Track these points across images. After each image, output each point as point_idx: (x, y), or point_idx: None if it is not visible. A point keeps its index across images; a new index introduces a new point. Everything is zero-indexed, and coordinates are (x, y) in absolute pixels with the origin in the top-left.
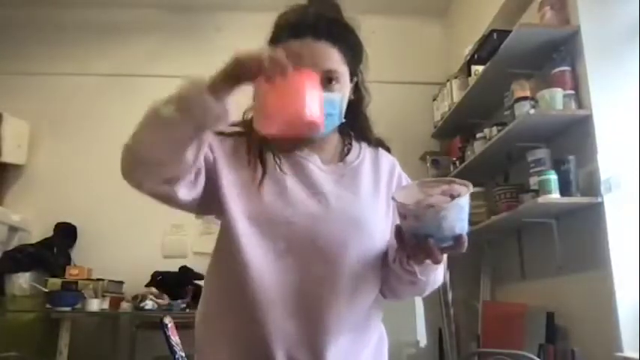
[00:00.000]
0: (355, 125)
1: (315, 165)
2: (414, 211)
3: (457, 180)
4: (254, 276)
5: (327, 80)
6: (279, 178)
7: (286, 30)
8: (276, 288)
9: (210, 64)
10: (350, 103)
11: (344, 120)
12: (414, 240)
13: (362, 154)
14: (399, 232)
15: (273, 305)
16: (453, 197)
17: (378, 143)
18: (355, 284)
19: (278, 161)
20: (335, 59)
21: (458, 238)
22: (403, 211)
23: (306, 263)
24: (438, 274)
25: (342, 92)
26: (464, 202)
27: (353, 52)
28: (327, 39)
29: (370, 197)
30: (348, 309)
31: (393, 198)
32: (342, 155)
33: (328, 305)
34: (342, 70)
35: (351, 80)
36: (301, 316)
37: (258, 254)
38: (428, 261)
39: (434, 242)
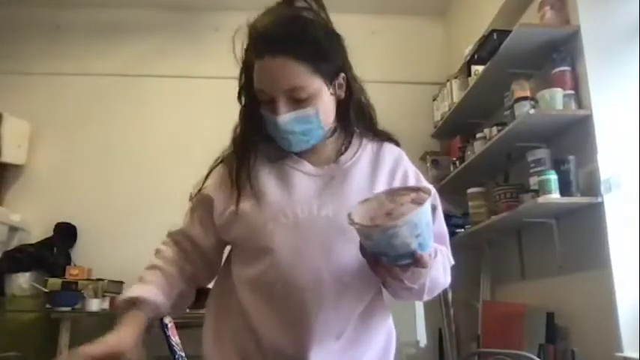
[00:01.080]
0: (349, 122)
1: (302, 171)
2: (361, 230)
3: (423, 187)
4: (246, 288)
5: (295, 99)
6: (258, 191)
7: (250, 48)
8: (263, 299)
9: (209, 64)
10: (341, 102)
11: (332, 124)
12: (371, 257)
13: (360, 151)
14: (362, 248)
15: (263, 316)
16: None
17: (383, 137)
18: (342, 291)
19: (254, 181)
20: (297, 74)
21: (414, 255)
22: (355, 229)
23: (290, 273)
24: (435, 279)
25: (316, 104)
26: (418, 217)
27: (322, 56)
28: (285, 54)
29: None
30: (334, 315)
31: (348, 215)
32: (339, 155)
33: (313, 312)
34: (310, 81)
35: (331, 83)
36: (288, 324)
37: (249, 267)
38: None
39: (387, 261)
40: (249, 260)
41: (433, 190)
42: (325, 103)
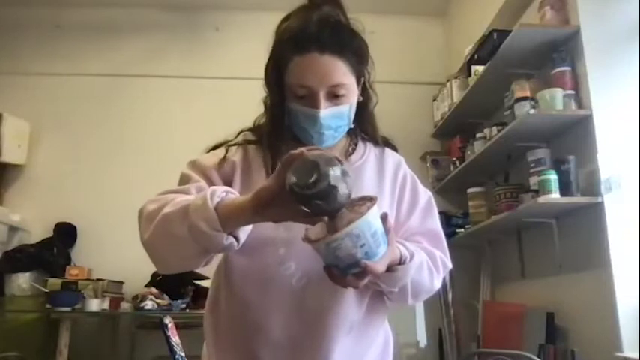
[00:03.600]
0: (363, 125)
1: None
2: (310, 245)
3: (375, 197)
4: (257, 281)
5: (334, 94)
6: None
7: (289, 43)
8: (279, 292)
9: (209, 64)
10: (358, 104)
11: (352, 125)
12: (326, 269)
13: (366, 154)
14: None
15: (277, 310)
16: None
17: (384, 143)
18: None
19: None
20: (342, 71)
21: (359, 264)
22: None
23: (308, 266)
24: (417, 282)
25: (350, 102)
26: (360, 228)
27: (358, 57)
28: (332, 51)
29: None
30: (349, 309)
31: (305, 229)
32: (347, 155)
33: (329, 306)
34: (349, 80)
35: (359, 83)
36: (304, 319)
37: (260, 260)
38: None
39: (338, 271)
40: (260, 252)
41: (428, 196)
42: (354, 103)
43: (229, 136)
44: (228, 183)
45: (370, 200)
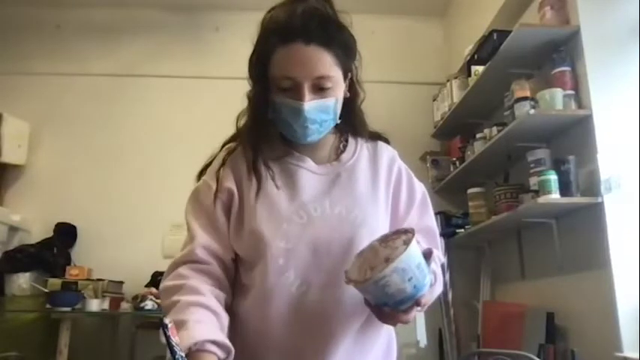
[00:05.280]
0: (351, 122)
1: (308, 169)
2: (356, 286)
3: (410, 229)
4: (258, 291)
5: (320, 87)
6: (270, 191)
7: (274, 34)
8: (280, 300)
9: (209, 64)
10: (345, 100)
11: (339, 120)
12: (375, 309)
13: (358, 150)
14: (366, 301)
15: (278, 317)
16: None
17: (375, 137)
18: None
19: (271, 173)
20: (327, 63)
21: (414, 299)
22: (353, 286)
23: (308, 274)
24: (433, 298)
25: (336, 95)
26: (405, 262)
27: (345, 50)
28: (318, 42)
29: (368, 195)
30: (351, 315)
31: (345, 272)
32: (338, 153)
33: (331, 312)
34: (335, 72)
35: (345, 78)
36: (305, 325)
37: (261, 271)
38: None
39: (389, 309)
40: (259, 264)
41: (423, 190)
42: (340, 97)
43: (226, 137)
44: (228, 207)
45: (405, 233)
